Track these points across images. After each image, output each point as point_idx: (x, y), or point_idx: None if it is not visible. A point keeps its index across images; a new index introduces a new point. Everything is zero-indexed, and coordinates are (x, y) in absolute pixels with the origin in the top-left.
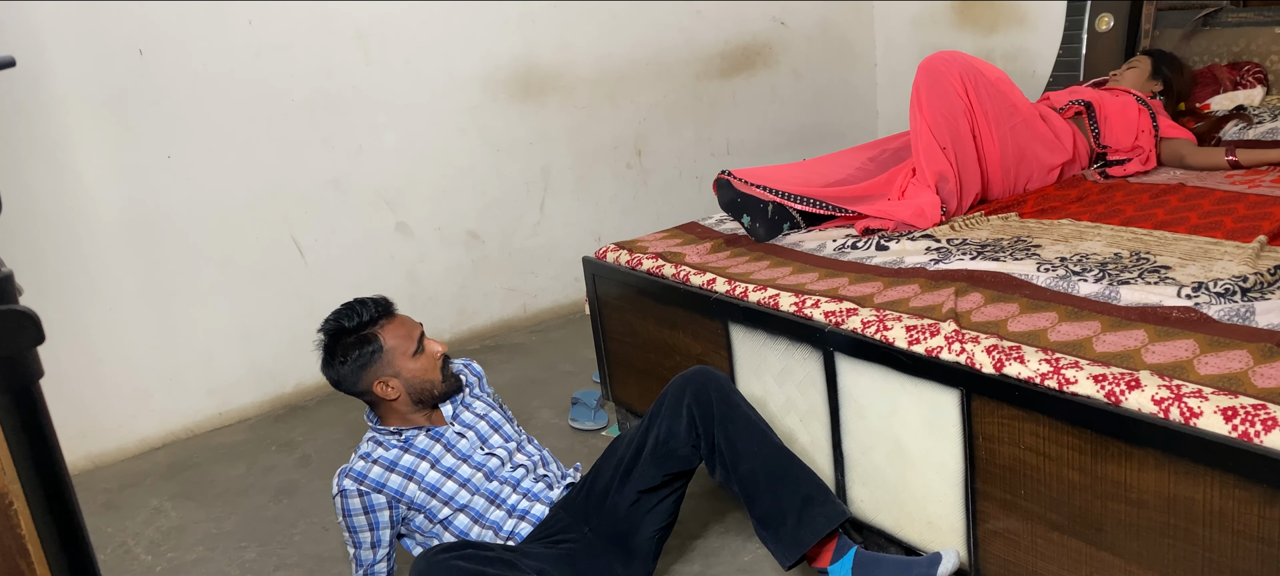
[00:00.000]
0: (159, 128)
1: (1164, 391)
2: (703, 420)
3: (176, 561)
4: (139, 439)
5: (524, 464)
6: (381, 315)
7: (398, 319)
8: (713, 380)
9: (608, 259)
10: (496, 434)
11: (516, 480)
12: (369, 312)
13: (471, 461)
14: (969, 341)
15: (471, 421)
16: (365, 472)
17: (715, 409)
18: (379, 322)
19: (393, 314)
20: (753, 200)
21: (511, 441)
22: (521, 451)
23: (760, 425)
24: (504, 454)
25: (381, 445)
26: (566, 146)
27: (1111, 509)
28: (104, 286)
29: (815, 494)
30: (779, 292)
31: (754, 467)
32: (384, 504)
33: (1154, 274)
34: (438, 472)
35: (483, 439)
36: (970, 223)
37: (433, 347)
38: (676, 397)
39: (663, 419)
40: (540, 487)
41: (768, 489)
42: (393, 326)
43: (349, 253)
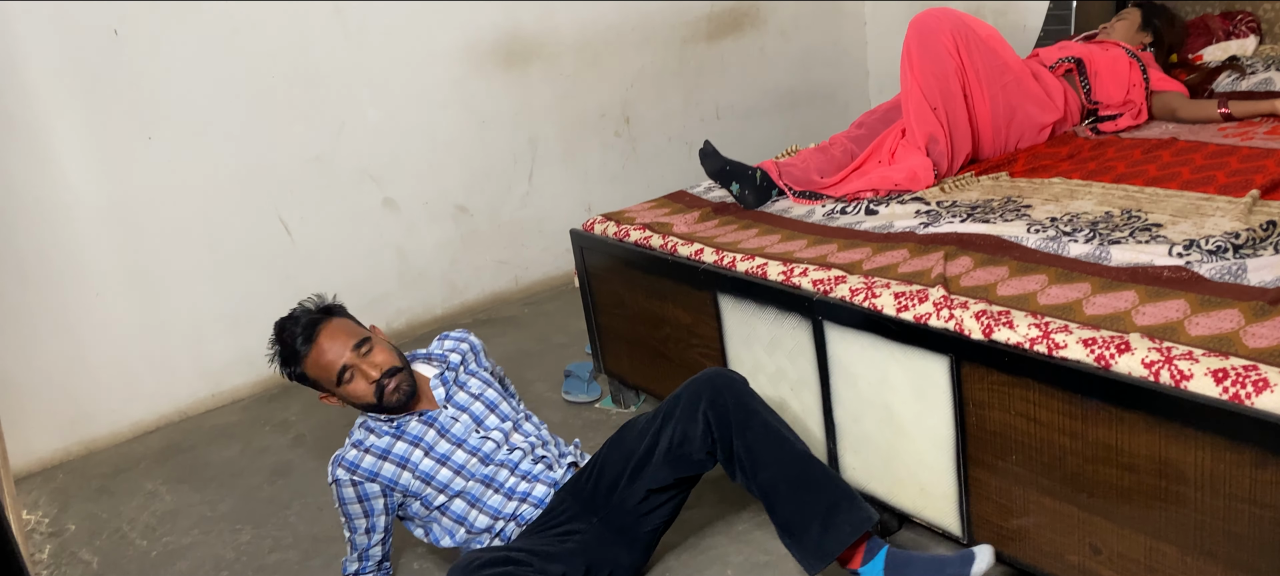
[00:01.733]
0: (137, 110)
1: (1154, 354)
2: (719, 426)
3: (172, 545)
4: (132, 423)
5: (521, 445)
6: (306, 342)
7: (319, 346)
8: (729, 385)
9: (595, 231)
10: (492, 414)
11: (514, 462)
12: (296, 344)
13: (466, 445)
14: (958, 307)
15: (466, 403)
16: (357, 462)
17: (732, 415)
18: (302, 356)
19: (313, 338)
20: (741, 167)
21: (508, 420)
22: (519, 431)
23: (780, 430)
24: (499, 436)
25: (373, 432)
26: (553, 116)
27: (1102, 473)
28: (89, 272)
29: (840, 500)
30: (767, 261)
31: (775, 475)
32: (378, 492)
33: (1145, 232)
34: (432, 460)
35: (478, 421)
36: (960, 184)
37: (361, 376)
38: (692, 402)
39: (678, 422)
40: (539, 468)
41: (790, 496)
42: (315, 356)
43: (336, 231)
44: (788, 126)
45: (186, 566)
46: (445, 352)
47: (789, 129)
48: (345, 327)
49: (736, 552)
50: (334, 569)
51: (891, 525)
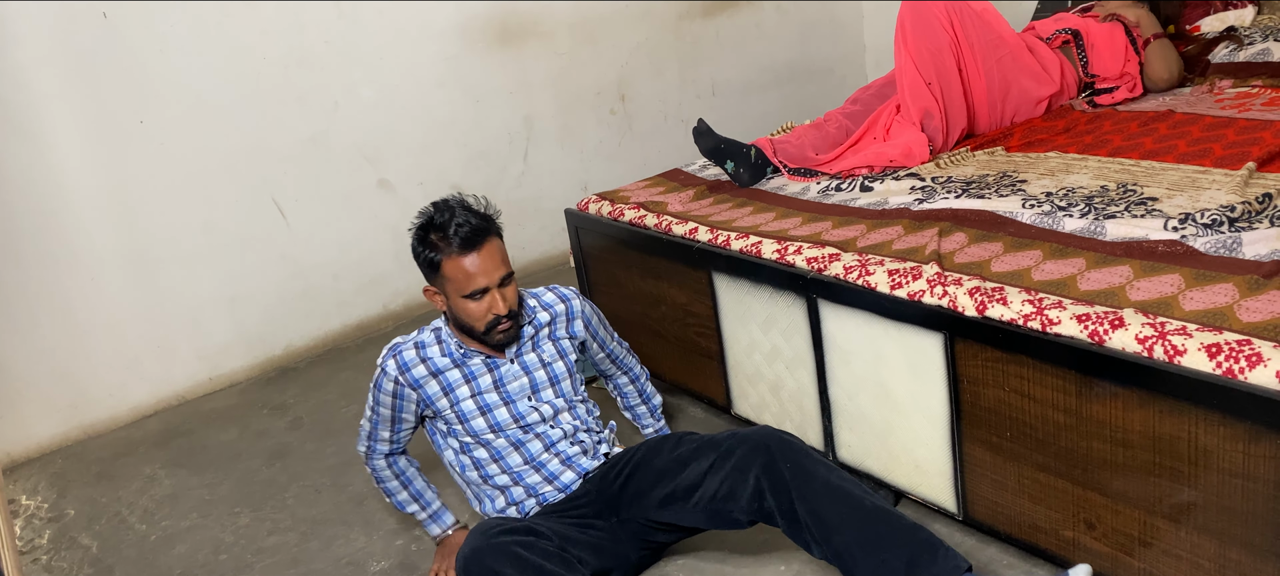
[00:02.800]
0: (129, 92)
1: (1148, 329)
2: (776, 494)
3: (171, 529)
4: (130, 407)
5: (565, 426)
6: (465, 247)
7: (479, 253)
8: (783, 450)
9: (590, 210)
10: (552, 388)
11: (552, 440)
12: (454, 237)
13: (513, 406)
14: (951, 284)
15: (531, 365)
16: (409, 365)
17: (790, 482)
18: (451, 251)
19: (476, 245)
20: (735, 145)
21: (563, 399)
22: (571, 411)
23: (844, 487)
24: (549, 410)
25: (440, 343)
26: (548, 94)
27: (1097, 449)
28: (85, 256)
29: (920, 554)
30: (762, 240)
31: (848, 539)
32: (414, 403)
33: (1140, 206)
34: (474, 403)
35: (535, 388)
36: (956, 159)
37: (493, 303)
38: (744, 463)
39: (726, 476)
40: (574, 451)
41: (866, 558)
42: (462, 261)
43: (331, 211)
44: (784, 102)
45: (185, 549)
46: (537, 307)
47: (786, 105)
48: (501, 254)
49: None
50: (332, 551)
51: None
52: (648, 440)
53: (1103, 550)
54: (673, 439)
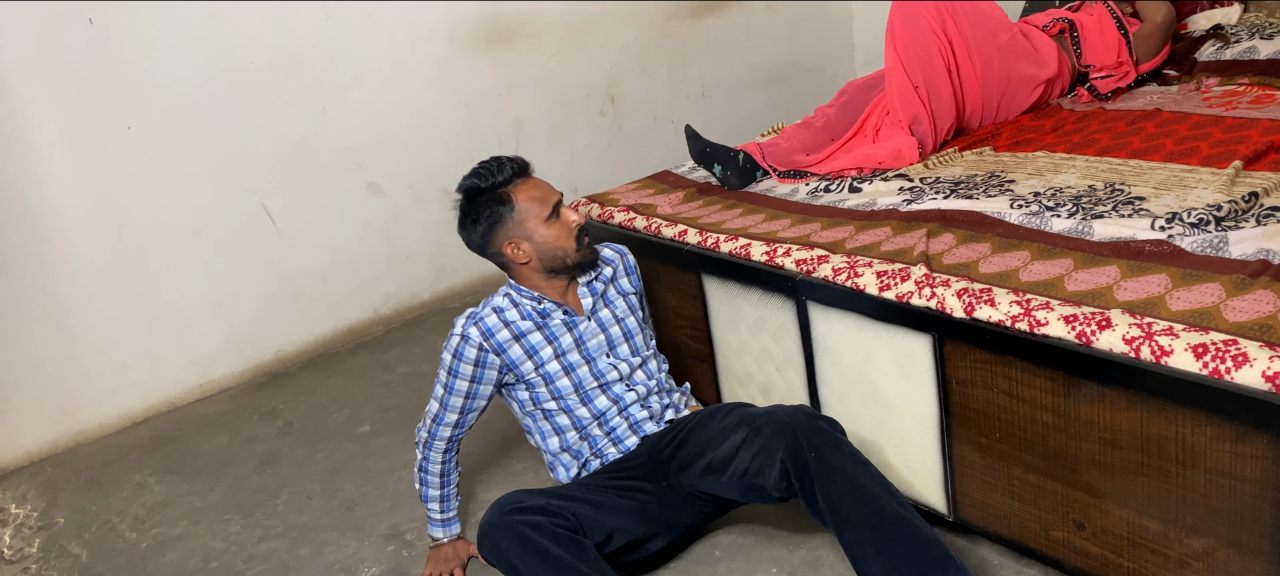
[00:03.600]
0: (116, 98)
1: (1135, 330)
2: (800, 477)
3: (161, 537)
4: (120, 414)
5: (639, 387)
6: (516, 174)
7: (533, 180)
8: (811, 435)
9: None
10: (627, 343)
11: (626, 403)
12: (505, 172)
13: (595, 366)
14: (939, 285)
15: (607, 321)
16: (493, 329)
17: (812, 469)
18: (513, 182)
19: (529, 174)
20: (722, 149)
21: (638, 355)
22: (644, 369)
23: (867, 488)
24: (625, 367)
25: (517, 307)
26: (538, 95)
27: (1085, 449)
28: (72, 263)
29: (931, 569)
30: (751, 242)
31: (862, 538)
32: (496, 370)
33: (1128, 205)
34: (558, 364)
35: (612, 344)
36: (944, 159)
37: (568, 216)
38: (772, 443)
39: (756, 454)
40: (643, 415)
41: (877, 561)
42: (527, 187)
43: (321, 216)
44: (774, 101)
45: (176, 557)
46: (600, 262)
47: (776, 104)
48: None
49: (723, 533)
50: (323, 557)
51: None
52: (703, 409)
53: (1092, 550)
54: (723, 409)
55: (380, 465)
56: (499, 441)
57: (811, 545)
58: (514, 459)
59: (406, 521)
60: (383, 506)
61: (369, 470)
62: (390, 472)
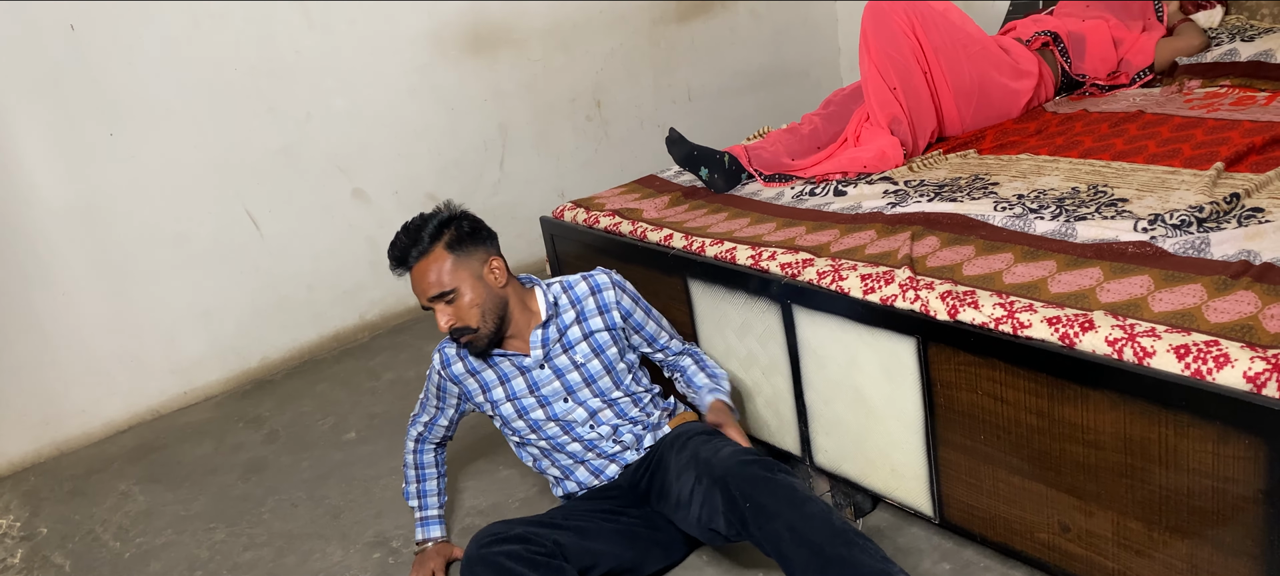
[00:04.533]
0: (98, 106)
1: (1117, 331)
2: (742, 526)
3: (145, 546)
4: (104, 422)
5: (605, 425)
6: (394, 264)
7: (411, 272)
8: (743, 486)
9: (565, 218)
10: (588, 387)
11: (593, 442)
12: (389, 255)
13: (550, 409)
14: (923, 288)
15: (564, 368)
16: (450, 360)
17: (750, 520)
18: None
19: (405, 265)
20: (708, 152)
21: (600, 398)
22: (613, 407)
23: (804, 530)
24: (584, 413)
25: None
26: (523, 101)
27: (1069, 451)
28: (55, 271)
29: None
30: (736, 246)
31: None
32: (455, 397)
33: (1111, 207)
34: (512, 405)
35: (570, 390)
36: (928, 162)
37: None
38: (711, 496)
39: (704, 504)
40: (616, 449)
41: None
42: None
43: (305, 223)
44: (760, 106)
45: (160, 567)
46: (567, 301)
47: (761, 109)
48: (435, 272)
49: None
50: (309, 565)
51: (865, 506)
52: (669, 434)
53: (1077, 552)
54: (682, 439)
55: (366, 472)
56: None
57: None
58: (500, 464)
59: (392, 528)
60: (369, 514)
61: (354, 477)
62: (376, 480)
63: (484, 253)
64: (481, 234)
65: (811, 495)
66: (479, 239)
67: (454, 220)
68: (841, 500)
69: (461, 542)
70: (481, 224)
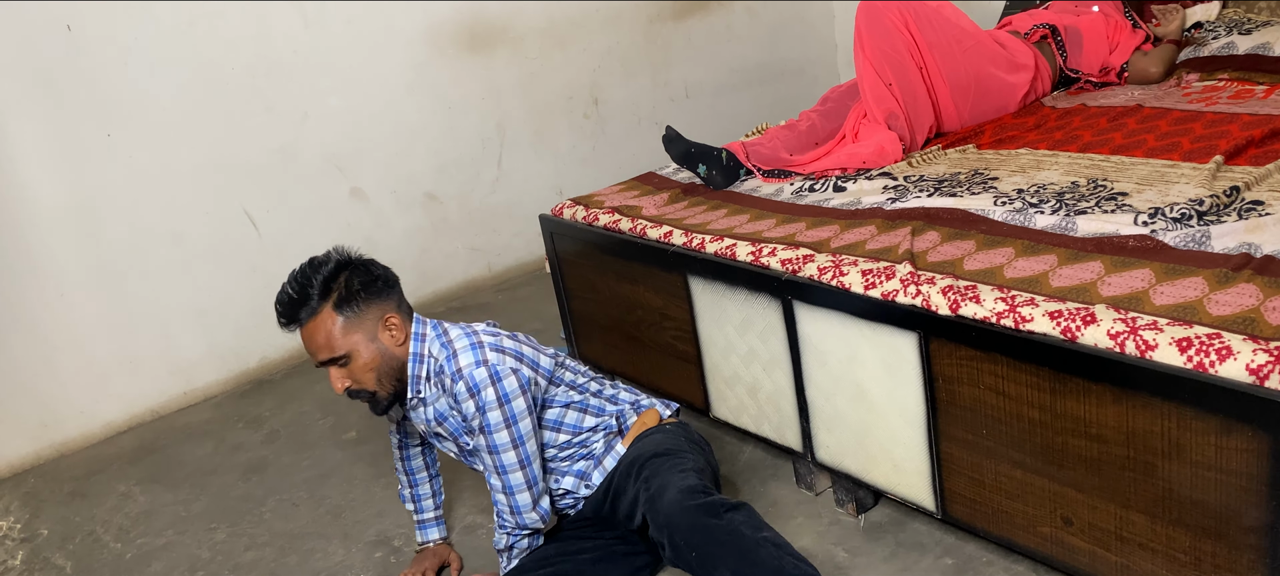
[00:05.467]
0: (94, 106)
1: (1119, 325)
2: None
3: (146, 547)
4: (103, 424)
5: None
6: (279, 321)
7: (300, 331)
8: (686, 535)
9: (564, 215)
10: (454, 441)
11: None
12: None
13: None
14: (924, 283)
15: (427, 419)
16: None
17: (697, 570)
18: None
19: (289, 324)
20: (706, 149)
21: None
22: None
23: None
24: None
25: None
26: (520, 99)
27: (1072, 444)
28: (50, 272)
29: None
30: (736, 242)
31: None
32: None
33: (1111, 201)
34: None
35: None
36: (928, 158)
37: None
38: (658, 537)
39: (659, 542)
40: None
41: None
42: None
43: (303, 222)
44: (757, 103)
45: (161, 567)
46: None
47: (758, 105)
48: (322, 335)
49: None
50: (310, 564)
51: (867, 502)
52: (623, 464)
53: (1080, 545)
54: (635, 468)
55: (366, 471)
56: None
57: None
58: None
59: (393, 528)
60: (370, 513)
61: (355, 477)
62: (376, 479)
63: (378, 308)
64: (376, 286)
65: (760, 537)
66: (373, 293)
67: (343, 270)
68: (844, 496)
69: (462, 541)
70: (377, 274)
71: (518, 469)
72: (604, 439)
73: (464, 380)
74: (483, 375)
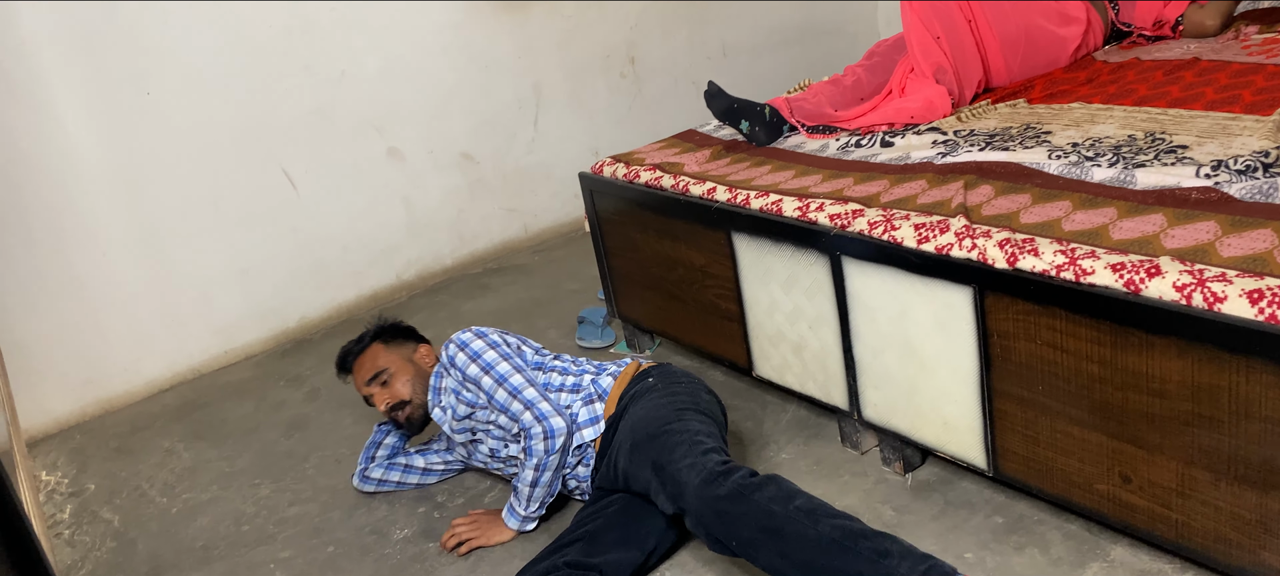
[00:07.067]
0: (134, 65)
1: (1186, 277)
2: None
3: (192, 502)
4: (146, 382)
5: (483, 453)
6: (343, 373)
7: (350, 374)
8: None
9: (604, 173)
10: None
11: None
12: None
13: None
14: (980, 236)
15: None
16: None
17: (741, 555)
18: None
19: (345, 369)
20: (749, 104)
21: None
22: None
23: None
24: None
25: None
26: (556, 59)
27: (1133, 400)
28: (95, 231)
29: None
30: (782, 198)
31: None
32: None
33: (1170, 154)
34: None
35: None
36: (977, 112)
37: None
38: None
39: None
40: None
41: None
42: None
43: (341, 182)
44: (795, 62)
45: (207, 522)
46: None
47: (796, 64)
48: (369, 363)
49: None
50: (354, 520)
51: (914, 460)
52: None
53: (1138, 503)
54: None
55: None
56: None
57: (846, 504)
58: None
59: (436, 485)
60: None
61: None
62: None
63: (413, 344)
64: (412, 333)
65: (793, 509)
66: (410, 336)
67: (388, 326)
68: (891, 454)
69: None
70: (413, 328)
71: (523, 383)
72: (584, 404)
73: (453, 342)
74: (462, 332)
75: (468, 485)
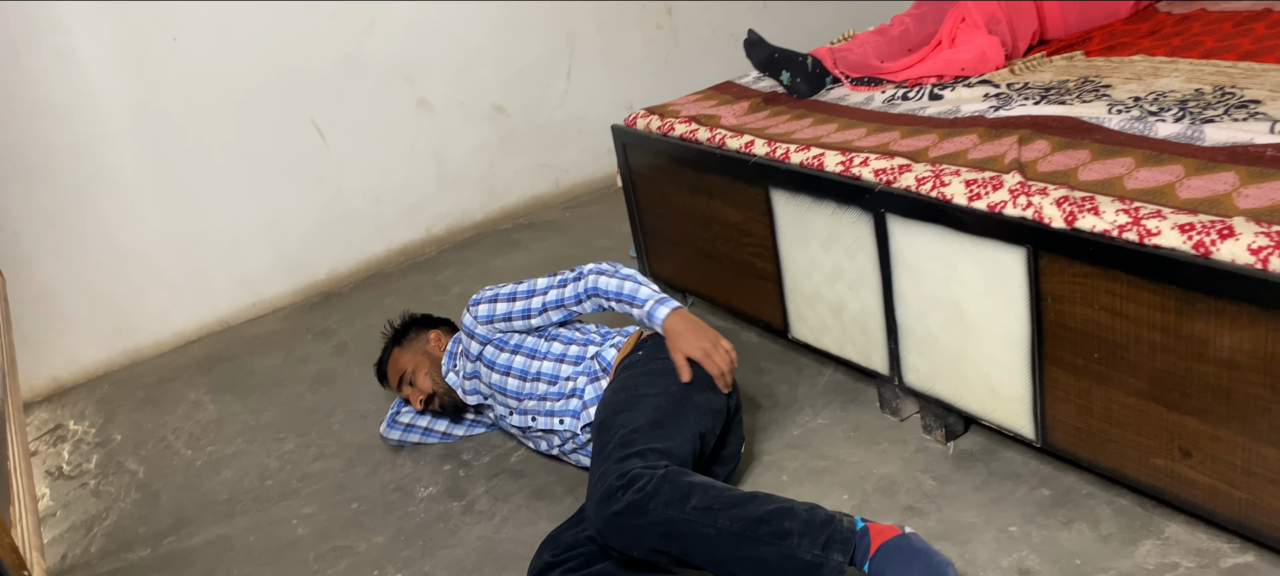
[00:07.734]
0: (160, 11)
1: (1262, 239)
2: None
3: (216, 454)
4: (174, 333)
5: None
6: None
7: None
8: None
9: (638, 126)
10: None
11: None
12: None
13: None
14: (1036, 194)
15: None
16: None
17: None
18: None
19: (383, 375)
20: (790, 55)
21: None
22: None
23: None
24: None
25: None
26: (590, 9)
27: (1197, 370)
28: (121, 181)
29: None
30: (824, 152)
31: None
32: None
33: (1242, 109)
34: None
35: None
36: (1031, 65)
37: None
38: None
39: None
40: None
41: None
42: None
43: (370, 133)
44: (837, 13)
45: (232, 475)
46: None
47: (839, 15)
48: (397, 367)
49: (791, 458)
50: (378, 477)
51: (957, 428)
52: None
53: (1199, 479)
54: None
55: None
56: None
57: (883, 473)
58: None
59: (463, 443)
60: None
61: None
62: None
63: (426, 335)
64: (422, 322)
65: (687, 514)
66: (420, 326)
67: (399, 327)
68: (932, 422)
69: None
70: (419, 318)
71: (546, 277)
72: (589, 382)
73: (468, 311)
74: (472, 299)
75: (494, 443)
